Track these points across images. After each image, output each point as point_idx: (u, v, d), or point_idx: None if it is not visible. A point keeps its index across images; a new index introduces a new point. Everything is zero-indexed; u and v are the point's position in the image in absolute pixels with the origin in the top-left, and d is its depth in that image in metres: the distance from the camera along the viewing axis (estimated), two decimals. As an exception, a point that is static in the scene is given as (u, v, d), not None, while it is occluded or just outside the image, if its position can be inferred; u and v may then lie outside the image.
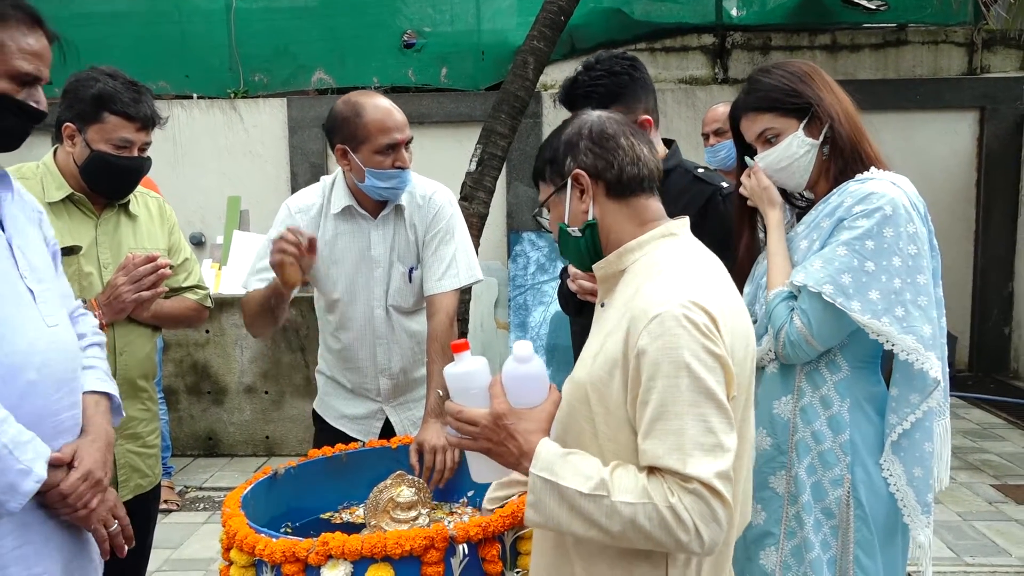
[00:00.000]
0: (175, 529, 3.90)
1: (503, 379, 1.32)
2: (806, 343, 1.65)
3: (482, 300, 5.95)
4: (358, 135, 2.08)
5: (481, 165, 4.43)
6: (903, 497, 1.68)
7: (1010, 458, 4.70)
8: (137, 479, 2.16)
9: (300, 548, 1.49)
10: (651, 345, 1.19)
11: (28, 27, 1.44)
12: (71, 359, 1.52)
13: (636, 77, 2.02)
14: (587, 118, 1.39)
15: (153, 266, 2.00)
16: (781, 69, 1.77)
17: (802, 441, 1.71)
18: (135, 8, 6.32)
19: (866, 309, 1.60)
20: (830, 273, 1.62)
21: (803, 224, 1.77)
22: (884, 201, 1.62)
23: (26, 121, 1.47)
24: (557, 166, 1.38)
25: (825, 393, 1.70)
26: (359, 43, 6.36)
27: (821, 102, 1.72)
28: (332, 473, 2.02)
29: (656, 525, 1.16)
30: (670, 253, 1.32)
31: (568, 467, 1.21)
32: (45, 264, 1.55)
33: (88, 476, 1.46)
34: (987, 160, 6.30)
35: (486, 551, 1.57)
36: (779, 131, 1.74)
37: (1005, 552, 3.58)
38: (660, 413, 1.18)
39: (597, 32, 6.32)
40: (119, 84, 2.00)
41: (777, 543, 1.73)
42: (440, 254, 2.21)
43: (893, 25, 6.43)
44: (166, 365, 4.79)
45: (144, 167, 2.08)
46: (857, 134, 1.73)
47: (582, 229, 1.36)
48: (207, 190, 6.19)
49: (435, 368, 2.12)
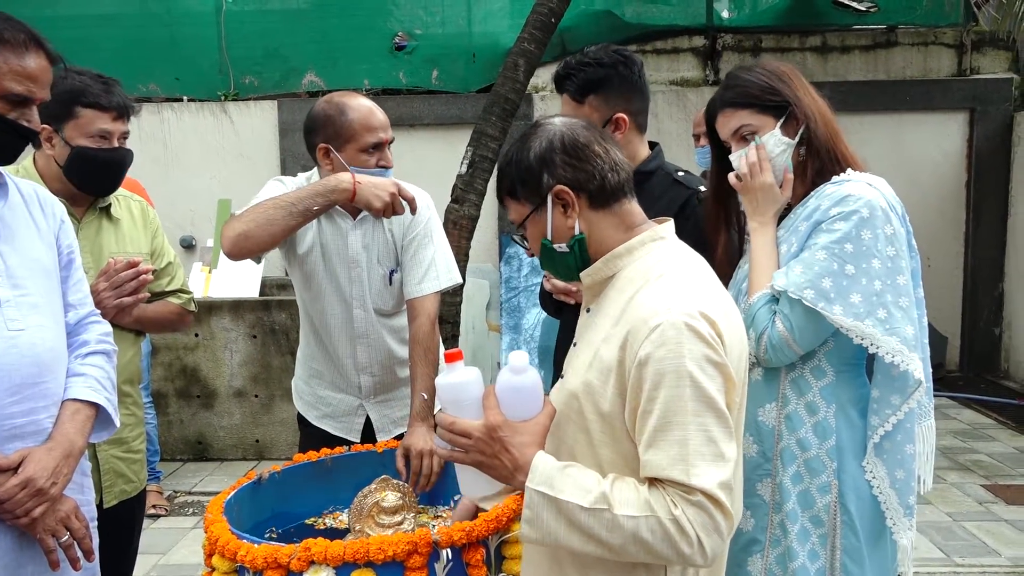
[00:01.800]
0: (163, 535, 3.87)
1: (497, 390, 1.28)
2: (787, 347, 1.64)
3: (473, 302, 5.94)
4: (343, 133, 2.07)
5: (472, 167, 4.42)
6: (886, 499, 1.67)
7: (1000, 458, 4.71)
8: (122, 484, 2.14)
9: (282, 554, 1.48)
10: (653, 354, 1.17)
11: (25, 48, 1.45)
12: (39, 364, 1.50)
13: (622, 73, 2.03)
14: (551, 129, 1.34)
15: (134, 272, 1.99)
16: (760, 67, 1.76)
17: (787, 449, 1.69)
18: (124, 10, 6.30)
19: (848, 312, 1.59)
20: (810, 278, 1.61)
21: (781, 228, 1.76)
22: (861, 203, 1.62)
23: (17, 139, 1.48)
24: (532, 184, 1.32)
25: (810, 400, 1.68)
26: (350, 45, 6.34)
27: (799, 102, 1.71)
28: (317, 477, 2.00)
29: (659, 538, 1.15)
30: (662, 258, 1.30)
31: (567, 481, 1.20)
32: (37, 271, 1.55)
33: (28, 484, 1.44)
34: (977, 161, 6.32)
35: (470, 556, 1.56)
36: (756, 128, 1.73)
37: (995, 552, 3.58)
38: (663, 424, 1.16)
39: (588, 34, 6.32)
40: (87, 78, 1.99)
41: (763, 550, 1.72)
42: (419, 258, 2.19)
43: (883, 27, 6.45)
44: (155, 369, 4.77)
45: (127, 158, 2.07)
46: (833, 135, 1.72)
47: (570, 244, 1.33)
48: (197, 193, 6.16)
49: (418, 371, 2.11)
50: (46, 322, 1.54)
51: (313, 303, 2.25)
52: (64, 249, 1.63)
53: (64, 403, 1.55)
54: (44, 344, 1.52)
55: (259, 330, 4.80)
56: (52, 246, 1.60)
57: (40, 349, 1.51)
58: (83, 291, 1.68)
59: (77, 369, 1.59)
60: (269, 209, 1.97)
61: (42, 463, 1.46)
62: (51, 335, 1.55)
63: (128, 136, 2.07)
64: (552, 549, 1.32)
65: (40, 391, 1.50)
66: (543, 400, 1.29)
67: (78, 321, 1.64)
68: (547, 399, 1.31)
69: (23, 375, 1.47)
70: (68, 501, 1.53)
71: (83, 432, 1.56)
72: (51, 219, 1.62)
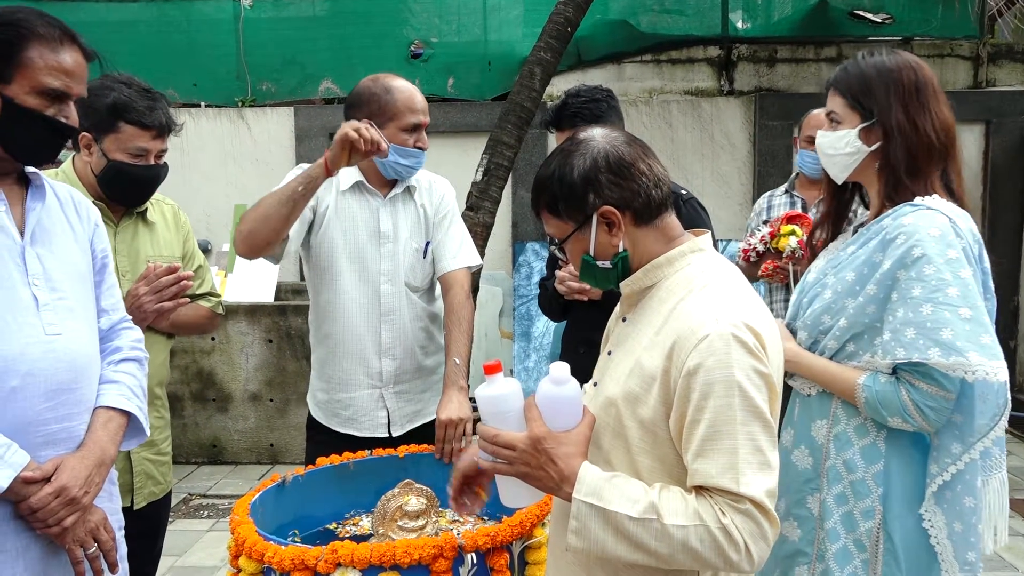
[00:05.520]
0: (179, 537, 3.89)
1: (538, 401, 1.28)
2: (944, 400, 1.55)
3: (487, 310, 5.95)
4: (387, 111, 2.14)
5: (487, 175, 4.44)
6: (942, 551, 1.59)
7: (1018, 472, 4.69)
8: (151, 486, 2.16)
9: (309, 556, 1.49)
10: (702, 365, 1.19)
11: (60, 43, 1.46)
12: (75, 370, 1.50)
13: (613, 105, 2.42)
14: (596, 146, 1.31)
15: (175, 277, 2.01)
16: (879, 59, 1.68)
17: (833, 468, 1.66)
18: (143, 16, 6.37)
19: (984, 355, 1.51)
20: (928, 335, 1.52)
21: (854, 242, 1.71)
22: (944, 244, 1.54)
23: (57, 137, 1.48)
24: (576, 202, 1.31)
25: (861, 422, 1.64)
26: (366, 53, 6.38)
27: (887, 114, 1.64)
28: (340, 481, 2.02)
29: (708, 547, 1.16)
30: (704, 269, 1.31)
31: (614, 491, 1.20)
32: (72, 275, 1.55)
33: (62, 493, 1.43)
34: (993, 173, 6.30)
35: (494, 560, 1.57)
36: (841, 120, 1.71)
37: (1012, 567, 3.56)
38: (712, 433, 1.18)
39: (603, 44, 6.35)
40: (134, 92, 2.00)
41: (809, 562, 1.70)
42: (451, 233, 2.31)
43: (899, 38, 6.44)
44: (172, 372, 4.78)
45: (161, 175, 2.09)
46: (928, 157, 1.64)
47: (614, 262, 1.33)
48: (214, 198, 6.21)
49: (452, 337, 2.18)
50: (81, 327, 1.54)
51: (334, 289, 2.25)
52: (98, 253, 1.64)
53: (96, 410, 1.55)
54: (80, 349, 1.52)
55: (275, 334, 4.83)
56: (87, 250, 1.61)
57: (76, 354, 1.50)
58: (116, 296, 1.69)
59: (110, 376, 1.59)
60: (264, 205, 2.03)
61: (75, 472, 1.46)
62: (86, 340, 1.55)
63: (165, 152, 2.08)
64: (583, 556, 1.32)
65: (75, 397, 1.50)
66: (582, 409, 1.30)
67: (111, 327, 1.65)
68: (586, 408, 1.31)
69: (59, 380, 1.47)
70: (98, 511, 1.53)
71: (115, 441, 1.55)
72: (86, 223, 1.63)
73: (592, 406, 1.34)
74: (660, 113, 6.24)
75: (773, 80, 6.51)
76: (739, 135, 6.25)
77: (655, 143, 6.21)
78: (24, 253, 1.47)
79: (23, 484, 1.39)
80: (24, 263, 1.47)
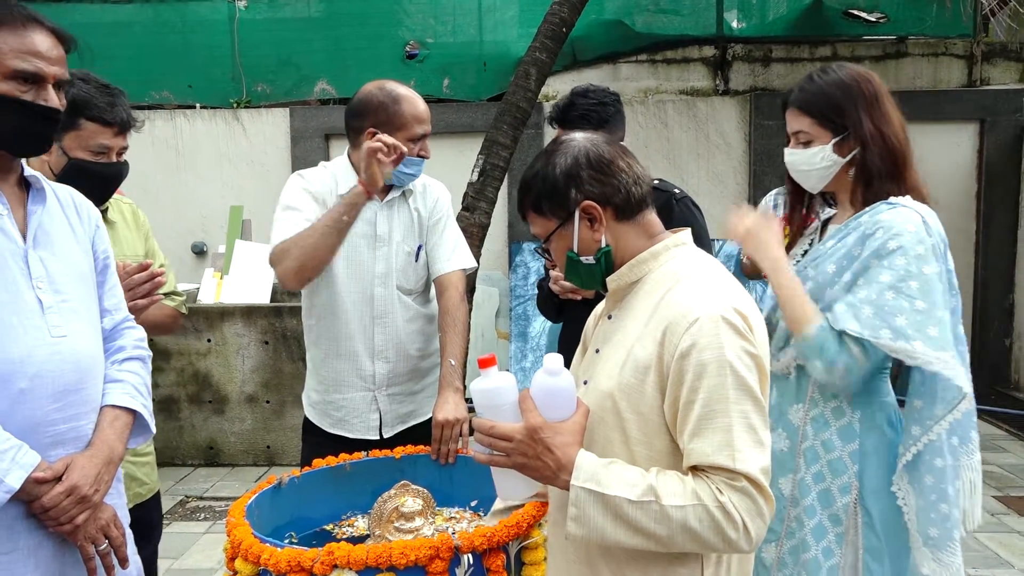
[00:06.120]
0: (176, 539, 3.89)
1: (533, 392, 1.30)
2: (858, 366, 1.67)
3: (483, 310, 5.95)
4: (395, 122, 2.17)
5: (483, 176, 4.44)
6: (909, 523, 1.70)
7: (1012, 470, 4.70)
8: (135, 488, 2.14)
9: (305, 558, 1.49)
10: (695, 345, 1.22)
11: (23, 26, 1.43)
12: (80, 370, 1.51)
13: (619, 110, 2.42)
14: (576, 145, 1.37)
15: (148, 274, 1.97)
16: (836, 76, 1.77)
17: (811, 449, 1.75)
18: (138, 18, 6.36)
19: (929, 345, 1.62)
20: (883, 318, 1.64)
21: (830, 237, 1.80)
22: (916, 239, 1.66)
23: (39, 122, 1.46)
24: (558, 199, 1.35)
25: (837, 405, 1.75)
26: (362, 54, 6.38)
27: (859, 127, 1.74)
28: (336, 483, 2.02)
29: (707, 526, 1.18)
30: (688, 262, 1.35)
31: (612, 476, 1.22)
32: (75, 276, 1.56)
33: (73, 491, 1.44)
34: (987, 172, 6.32)
35: (491, 561, 1.57)
36: (812, 138, 1.79)
37: (1008, 564, 3.57)
38: (707, 412, 1.20)
39: (598, 44, 6.35)
40: (92, 88, 1.95)
41: (777, 540, 1.79)
42: (446, 236, 2.32)
43: (893, 37, 6.46)
44: (168, 374, 4.80)
45: (123, 172, 2.05)
46: (896, 160, 1.75)
47: (597, 257, 1.36)
48: (209, 199, 6.20)
49: (447, 339, 2.20)
50: (85, 328, 1.55)
51: (329, 290, 2.25)
52: (100, 254, 1.64)
53: (103, 409, 1.56)
54: (85, 350, 1.53)
55: (271, 336, 4.83)
56: (88, 251, 1.61)
57: (81, 355, 1.51)
58: (118, 296, 1.69)
59: (114, 375, 1.60)
60: (307, 239, 2.08)
61: (85, 470, 1.47)
62: (91, 341, 1.55)
63: (127, 150, 2.05)
64: (584, 547, 1.34)
65: (81, 397, 1.51)
66: (576, 400, 1.32)
67: (114, 326, 1.65)
68: (579, 399, 1.33)
69: (65, 381, 1.48)
70: (108, 508, 1.54)
71: (122, 439, 1.57)
72: (87, 224, 1.63)
73: (587, 400, 1.35)
74: (656, 113, 6.25)
75: (768, 79, 6.52)
76: (734, 134, 6.26)
77: (651, 143, 6.22)
78: (27, 256, 1.48)
79: (35, 484, 1.41)
80: (27, 266, 1.47)
